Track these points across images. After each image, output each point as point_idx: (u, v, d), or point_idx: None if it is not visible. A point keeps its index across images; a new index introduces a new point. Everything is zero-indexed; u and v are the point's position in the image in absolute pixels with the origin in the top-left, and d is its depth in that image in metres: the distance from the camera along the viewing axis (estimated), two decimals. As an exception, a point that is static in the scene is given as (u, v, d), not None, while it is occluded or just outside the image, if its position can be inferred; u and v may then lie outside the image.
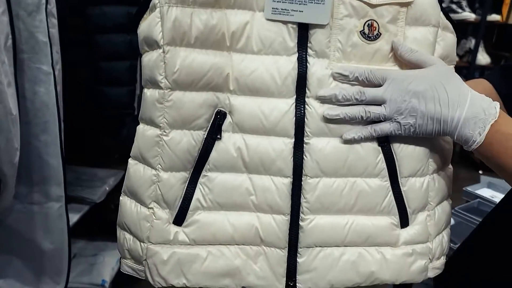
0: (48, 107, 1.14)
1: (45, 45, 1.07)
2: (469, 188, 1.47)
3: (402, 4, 0.62)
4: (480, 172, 3.67)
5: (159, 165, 0.64)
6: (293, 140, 0.64)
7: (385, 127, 0.62)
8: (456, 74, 0.63)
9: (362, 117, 0.62)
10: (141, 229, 0.66)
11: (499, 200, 1.41)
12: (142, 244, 0.67)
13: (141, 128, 0.65)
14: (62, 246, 1.33)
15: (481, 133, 0.58)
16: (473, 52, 3.55)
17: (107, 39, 1.47)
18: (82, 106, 1.52)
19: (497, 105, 0.60)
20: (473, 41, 3.59)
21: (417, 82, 0.60)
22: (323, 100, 0.62)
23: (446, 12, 0.64)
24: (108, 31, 1.46)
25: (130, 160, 0.67)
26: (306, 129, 0.63)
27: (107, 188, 2.00)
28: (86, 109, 1.57)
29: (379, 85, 0.61)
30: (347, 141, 0.63)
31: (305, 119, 0.63)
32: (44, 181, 1.23)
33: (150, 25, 0.60)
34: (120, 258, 0.71)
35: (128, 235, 0.69)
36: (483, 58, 3.70)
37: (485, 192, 1.44)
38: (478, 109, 0.59)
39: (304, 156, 0.64)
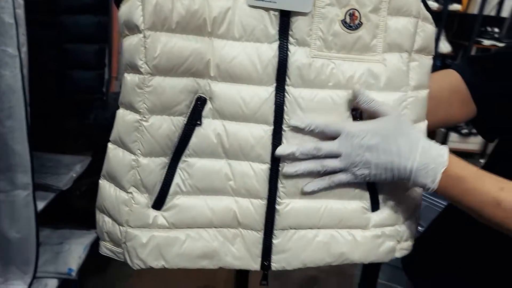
0: (14, 91, 1.10)
1: (11, 27, 1.03)
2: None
3: None
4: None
5: (138, 150, 0.64)
6: (272, 127, 0.65)
7: (342, 178, 0.66)
8: (409, 123, 0.66)
9: (319, 171, 0.65)
10: (120, 213, 0.66)
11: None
12: (121, 227, 0.67)
13: (120, 112, 0.65)
14: (29, 236, 1.30)
15: (433, 181, 0.63)
16: (436, 41, 3.66)
17: (73, 21, 1.42)
18: (47, 90, 1.47)
19: (445, 151, 0.63)
20: (436, 30, 3.69)
21: (370, 136, 0.63)
22: (281, 157, 0.64)
23: (425, 2, 0.66)
24: (74, 12, 1.41)
25: (110, 144, 0.67)
26: (285, 116, 0.64)
27: (74, 175, 1.95)
28: (52, 93, 1.52)
29: (335, 138, 0.64)
30: (307, 193, 0.67)
31: (285, 107, 0.64)
32: (10, 168, 1.20)
33: (130, 9, 0.59)
34: (99, 240, 0.71)
35: (107, 218, 0.69)
36: (444, 46, 3.82)
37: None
38: (428, 159, 0.62)
39: (282, 143, 0.65)
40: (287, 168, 0.64)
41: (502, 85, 0.79)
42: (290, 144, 0.64)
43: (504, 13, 4.12)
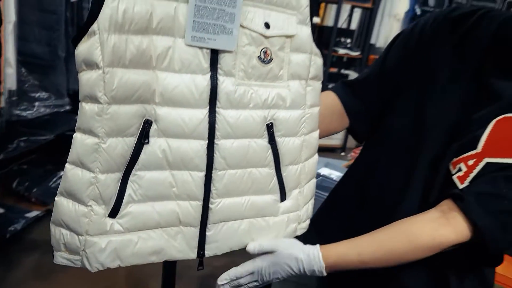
0: None
1: None
2: (313, 169, 1.81)
3: (287, 36, 0.82)
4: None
5: (97, 169, 0.73)
6: (207, 141, 0.80)
7: None
8: (291, 248, 0.88)
9: None
10: (80, 225, 0.75)
11: (336, 176, 1.78)
12: (80, 237, 0.76)
13: (78, 137, 0.73)
14: None
15: (322, 272, 0.86)
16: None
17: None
18: None
19: (319, 254, 0.86)
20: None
21: (270, 267, 0.86)
22: None
23: (316, 42, 0.87)
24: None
25: (67, 165, 0.75)
26: (217, 133, 0.80)
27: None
28: None
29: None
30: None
31: (216, 125, 0.79)
32: None
33: (90, 49, 0.69)
34: (53, 251, 0.79)
35: (64, 231, 0.77)
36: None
37: (325, 171, 1.80)
38: (311, 265, 0.85)
39: (214, 154, 0.81)
40: None
41: (365, 104, 1.06)
42: None
43: (353, 26, 4.77)
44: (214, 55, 0.77)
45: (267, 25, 0.80)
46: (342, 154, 4.54)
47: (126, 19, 0.69)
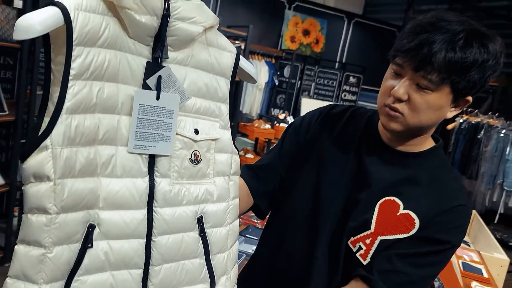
0: None
1: None
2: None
3: (212, 140, 0.93)
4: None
5: (41, 280, 0.73)
6: (145, 240, 0.85)
7: None
8: None
9: None
10: None
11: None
12: None
13: (22, 249, 0.72)
14: None
15: None
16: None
17: None
18: None
19: None
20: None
21: None
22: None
23: (235, 144, 1.00)
24: None
25: (8, 280, 0.73)
26: (154, 230, 0.86)
27: None
28: None
29: None
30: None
31: (154, 223, 0.85)
32: None
33: (41, 163, 0.71)
34: None
35: None
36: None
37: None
38: None
39: (151, 251, 0.86)
40: None
41: (267, 186, 1.22)
42: None
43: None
44: (152, 159, 0.85)
45: (196, 131, 0.90)
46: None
47: (78, 133, 0.74)
